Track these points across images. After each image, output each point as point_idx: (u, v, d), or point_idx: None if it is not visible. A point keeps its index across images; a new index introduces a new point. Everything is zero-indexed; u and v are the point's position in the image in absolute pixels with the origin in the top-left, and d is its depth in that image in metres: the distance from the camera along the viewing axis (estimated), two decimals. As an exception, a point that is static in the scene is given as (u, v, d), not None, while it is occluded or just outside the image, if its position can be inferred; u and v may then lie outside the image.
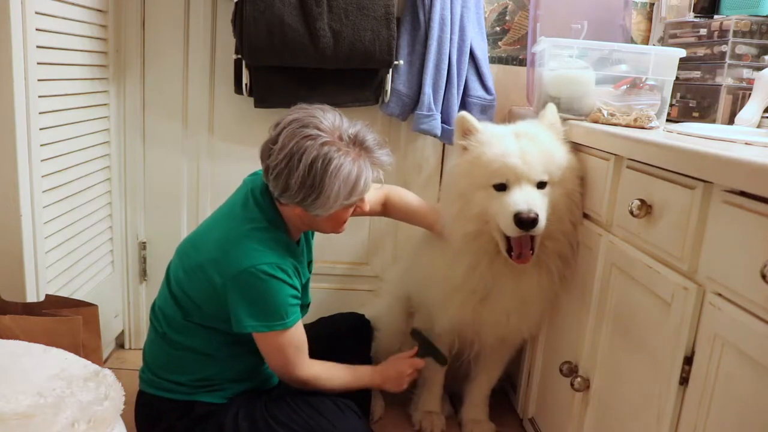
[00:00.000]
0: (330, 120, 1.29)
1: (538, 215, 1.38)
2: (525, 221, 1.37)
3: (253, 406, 1.41)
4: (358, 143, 1.30)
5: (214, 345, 1.40)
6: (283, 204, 1.35)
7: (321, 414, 1.39)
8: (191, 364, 1.41)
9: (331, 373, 1.47)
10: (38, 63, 1.47)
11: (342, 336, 1.73)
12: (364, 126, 1.33)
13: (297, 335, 1.39)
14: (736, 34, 1.57)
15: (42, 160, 1.53)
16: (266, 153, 1.31)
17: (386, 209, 1.69)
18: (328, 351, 1.60)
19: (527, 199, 1.40)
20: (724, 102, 1.59)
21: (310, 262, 1.57)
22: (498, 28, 2.11)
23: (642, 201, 1.16)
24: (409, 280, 1.83)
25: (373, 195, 1.65)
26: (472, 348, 1.73)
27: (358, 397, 1.57)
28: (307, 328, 1.62)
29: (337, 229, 1.43)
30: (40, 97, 1.49)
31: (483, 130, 1.50)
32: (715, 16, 1.71)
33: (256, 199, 1.38)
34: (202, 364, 1.41)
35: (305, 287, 1.48)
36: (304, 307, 1.48)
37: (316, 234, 1.59)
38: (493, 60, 2.10)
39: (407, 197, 1.69)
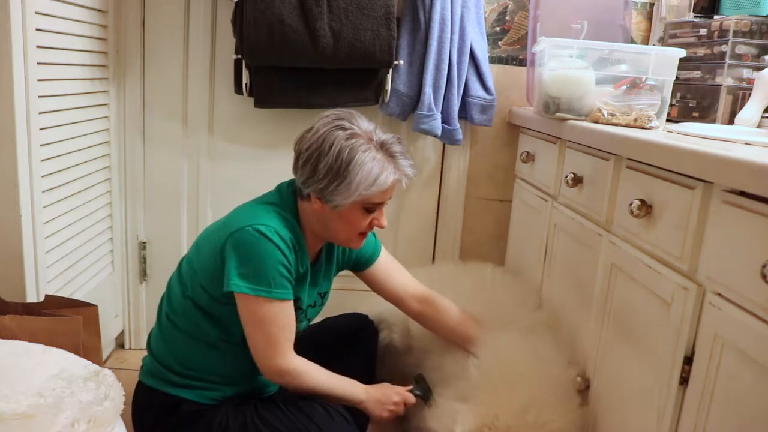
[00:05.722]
0: (365, 122, 1.37)
1: None
2: None
3: (243, 408, 1.40)
4: (384, 148, 1.35)
5: (204, 329, 1.39)
6: (305, 199, 1.38)
7: (310, 418, 1.38)
8: (182, 346, 1.41)
9: (313, 373, 1.39)
10: (38, 63, 1.46)
11: (347, 335, 1.72)
12: (394, 136, 1.38)
13: (283, 315, 1.33)
14: (736, 34, 1.57)
15: (42, 160, 1.53)
16: (300, 140, 1.37)
17: (423, 311, 1.61)
18: (334, 351, 1.59)
19: None
20: (724, 102, 1.58)
21: (326, 293, 1.56)
22: (498, 28, 2.11)
23: (642, 201, 1.16)
24: None
25: (410, 282, 1.62)
26: None
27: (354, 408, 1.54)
28: (312, 327, 1.61)
29: (351, 236, 1.41)
30: (40, 97, 1.49)
31: None
32: (715, 16, 1.71)
33: (279, 189, 1.45)
34: (192, 349, 1.40)
35: (303, 299, 1.46)
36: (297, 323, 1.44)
37: None
38: (493, 60, 2.10)
39: (453, 309, 1.62)
